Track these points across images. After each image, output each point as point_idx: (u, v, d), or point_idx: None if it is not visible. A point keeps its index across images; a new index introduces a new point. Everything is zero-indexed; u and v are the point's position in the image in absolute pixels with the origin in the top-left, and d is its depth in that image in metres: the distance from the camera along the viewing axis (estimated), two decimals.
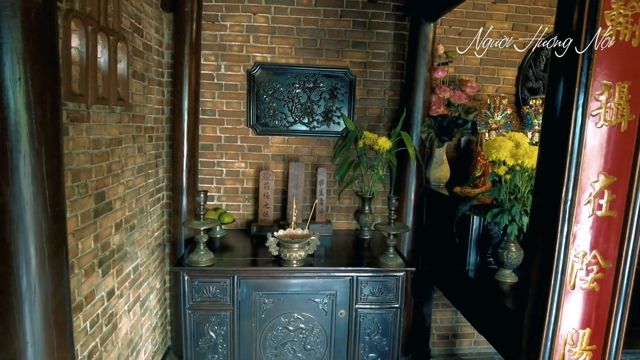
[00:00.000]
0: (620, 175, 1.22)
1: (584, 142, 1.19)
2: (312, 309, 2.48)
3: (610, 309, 1.29)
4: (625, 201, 1.24)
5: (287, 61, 3.06)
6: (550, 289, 1.26)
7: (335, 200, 3.21)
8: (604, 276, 1.27)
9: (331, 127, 3.12)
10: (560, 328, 1.29)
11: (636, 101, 1.19)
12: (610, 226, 1.25)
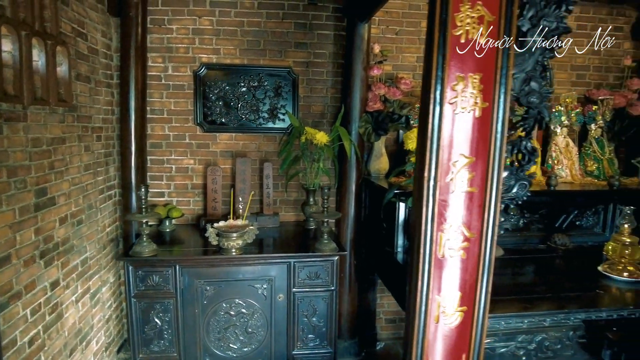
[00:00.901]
0: (478, 156, 1.40)
1: (443, 126, 1.37)
2: (252, 294, 2.63)
3: (477, 274, 1.47)
4: (485, 178, 1.42)
5: (232, 61, 3.20)
6: (421, 258, 1.43)
7: (283, 194, 3.37)
8: (469, 245, 1.46)
9: (277, 123, 3.28)
10: (433, 293, 1.47)
11: (488, 90, 1.38)
12: (472, 200, 1.43)
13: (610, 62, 3.69)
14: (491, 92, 1.38)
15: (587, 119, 3.39)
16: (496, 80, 1.37)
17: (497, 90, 1.37)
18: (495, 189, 1.43)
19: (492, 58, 1.36)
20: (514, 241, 2.84)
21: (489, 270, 1.48)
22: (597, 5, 3.58)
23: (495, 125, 1.39)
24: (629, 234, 2.28)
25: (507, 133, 1.51)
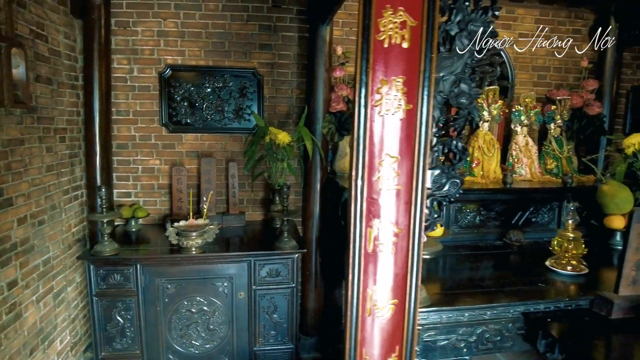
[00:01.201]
0: (403, 155, 1.47)
1: (369, 127, 1.43)
2: (213, 292, 2.68)
3: (406, 268, 1.54)
4: (411, 176, 1.49)
5: (197, 63, 3.24)
6: (351, 253, 1.49)
7: (250, 193, 3.42)
8: (398, 240, 1.52)
9: (242, 124, 3.33)
10: (365, 286, 1.53)
11: (412, 93, 1.44)
12: (399, 198, 1.50)
13: (569, 63, 3.79)
14: (415, 94, 1.44)
15: (546, 119, 3.49)
16: (419, 83, 1.43)
17: (421, 92, 1.44)
18: (421, 186, 1.49)
19: (415, 62, 1.43)
20: (471, 238, 2.92)
21: (418, 264, 1.54)
22: (556, 8, 3.68)
23: (420, 126, 1.46)
24: (573, 230, 2.36)
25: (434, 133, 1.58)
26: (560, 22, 3.73)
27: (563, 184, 3.03)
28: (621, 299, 1.96)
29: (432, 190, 1.64)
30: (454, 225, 2.88)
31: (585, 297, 2.06)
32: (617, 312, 1.96)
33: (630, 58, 3.91)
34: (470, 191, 2.86)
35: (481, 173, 3.21)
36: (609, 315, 1.96)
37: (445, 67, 1.57)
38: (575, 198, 3.06)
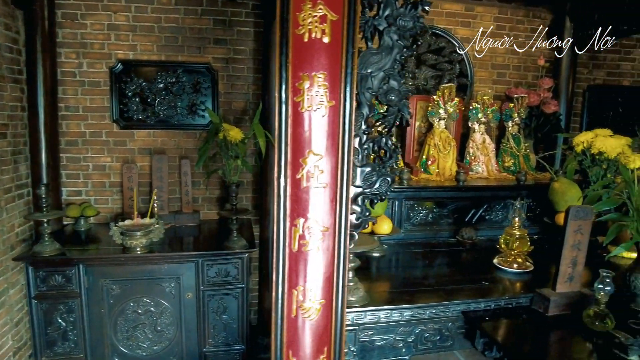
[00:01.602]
0: (327, 152, 1.43)
1: (290, 124, 1.39)
2: (160, 292, 2.61)
3: (333, 267, 1.51)
4: (335, 174, 1.45)
5: (150, 58, 3.16)
6: (275, 253, 1.45)
7: (205, 191, 3.35)
8: (323, 239, 1.48)
9: (197, 120, 3.26)
10: (290, 287, 1.49)
11: (334, 89, 1.40)
12: (324, 196, 1.46)
13: (528, 61, 3.82)
14: (337, 90, 1.40)
15: (504, 117, 3.51)
16: (341, 79, 1.40)
17: (343, 88, 1.40)
18: (346, 184, 1.46)
19: (337, 57, 1.39)
20: (424, 235, 2.91)
21: (345, 264, 1.51)
22: (514, 6, 3.70)
23: (343, 122, 1.42)
24: (519, 227, 2.37)
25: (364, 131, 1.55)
26: (519, 20, 3.75)
27: (517, 182, 3.04)
28: (558, 295, 1.97)
29: (362, 188, 1.61)
30: (406, 223, 2.88)
31: (526, 295, 2.07)
32: (554, 309, 1.97)
33: (586, 58, 3.96)
34: (422, 189, 2.85)
35: (437, 170, 3.21)
36: (546, 312, 1.96)
37: (374, 63, 1.53)
38: (530, 195, 3.09)
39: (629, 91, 4.15)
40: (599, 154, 2.70)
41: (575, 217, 1.92)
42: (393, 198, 2.82)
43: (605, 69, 4.09)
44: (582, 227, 1.95)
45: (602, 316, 1.82)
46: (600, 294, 1.82)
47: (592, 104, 4.05)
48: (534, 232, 3.11)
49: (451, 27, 3.60)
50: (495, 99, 3.69)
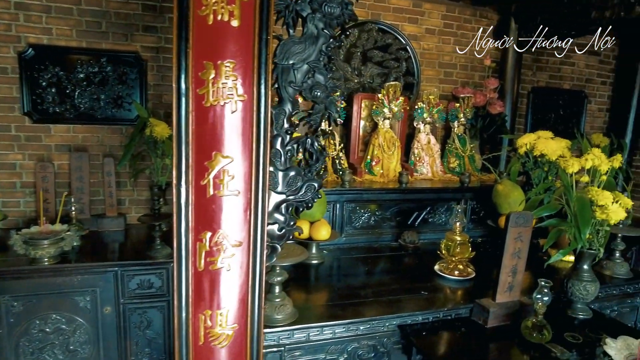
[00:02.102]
0: (238, 155, 1.24)
1: (192, 121, 1.18)
2: (73, 307, 2.32)
3: (247, 286, 1.32)
4: (249, 180, 1.26)
5: (68, 44, 2.82)
6: (176, 273, 1.25)
7: (133, 193, 3.06)
8: (235, 255, 1.29)
9: (123, 114, 2.96)
10: (197, 311, 1.29)
11: (245, 81, 1.21)
12: (235, 205, 1.27)
13: (475, 61, 3.78)
14: (250, 82, 1.21)
15: (449, 117, 3.44)
16: (254, 69, 1.21)
17: (256, 80, 1.21)
18: (262, 191, 1.27)
19: (248, 44, 1.20)
20: (366, 239, 2.78)
21: (261, 282, 1.32)
22: (461, 5, 3.64)
23: (258, 120, 1.24)
24: (460, 232, 2.27)
25: (286, 130, 1.37)
26: (466, 19, 3.70)
27: (461, 184, 2.97)
28: (497, 306, 1.88)
29: (286, 194, 1.43)
30: (348, 227, 2.73)
31: (466, 305, 1.96)
32: (493, 320, 1.88)
33: (530, 60, 3.97)
34: (364, 191, 2.71)
35: (381, 172, 3.09)
36: (486, 324, 1.87)
37: (296, 53, 1.35)
38: (475, 197, 3.03)
39: (569, 94, 4.22)
40: (540, 156, 2.66)
41: (516, 224, 1.83)
42: (334, 201, 2.66)
43: (547, 71, 4.13)
44: (522, 235, 1.86)
45: (540, 327, 1.74)
46: (539, 304, 1.74)
47: (536, 105, 4.08)
48: (479, 234, 3.06)
49: (398, 23, 3.48)
50: (443, 99, 3.62)
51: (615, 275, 2.40)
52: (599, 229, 1.98)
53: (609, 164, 2.05)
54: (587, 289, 1.99)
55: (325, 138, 3.00)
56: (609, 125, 4.53)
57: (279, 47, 1.34)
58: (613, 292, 2.33)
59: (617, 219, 1.88)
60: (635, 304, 2.41)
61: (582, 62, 4.26)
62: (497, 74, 3.69)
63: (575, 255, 2.04)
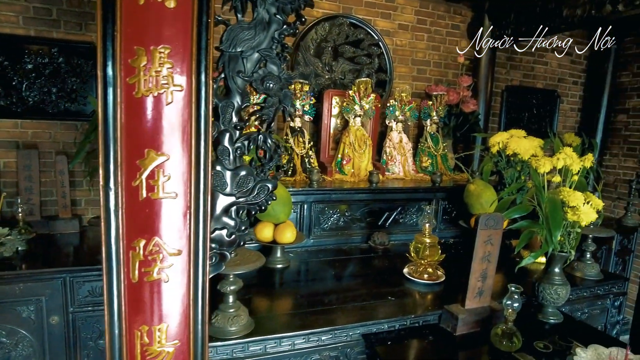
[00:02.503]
0: (174, 152, 1.10)
1: (120, 114, 1.04)
2: (14, 319, 2.13)
3: (189, 298, 1.18)
4: (189, 180, 1.13)
5: (13, 32, 2.62)
6: (106, 285, 1.10)
7: (89, 193, 2.88)
8: (173, 264, 1.16)
9: (77, 108, 2.77)
10: (132, 327, 1.15)
11: (184, 69, 1.08)
12: (172, 209, 1.13)
13: (449, 59, 3.71)
14: (188, 71, 1.08)
15: (422, 115, 3.36)
16: (193, 56, 1.07)
17: (195, 69, 1.08)
18: (203, 193, 1.14)
19: (186, 27, 1.06)
20: (335, 241, 2.67)
21: (204, 293, 1.19)
22: (435, 1, 3.57)
23: (197, 113, 1.10)
24: (430, 234, 2.18)
25: (235, 125, 1.24)
26: (440, 16, 3.63)
27: (432, 183, 2.89)
28: (466, 313, 1.79)
29: (235, 196, 1.30)
30: (316, 228, 2.61)
31: (434, 312, 1.87)
32: (463, 327, 1.79)
33: (504, 58, 3.93)
34: (332, 191, 2.60)
35: (352, 171, 2.99)
36: (455, 331, 1.78)
37: (245, 40, 1.22)
38: (447, 197, 2.95)
39: (542, 93, 4.21)
40: (513, 155, 2.60)
41: (485, 227, 1.74)
42: (301, 202, 2.54)
43: (521, 70, 4.11)
44: (492, 237, 1.78)
45: (510, 335, 1.66)
46: (508, 311, 1.66)
47: (509, 104, 4.05)
48: (451, 235, 2.99)
49: (370, 18, 3.38)
50: (416, 97, 3.55)
51: (586, 277, 2.35)
52: (570, 230, 1.91)
53: (581, 163, 1.99)
54: (558, 292, 1.92)
55: (294, 136, 2.88)
56: (581, 124, 4.54)
57: (225, 33, 1.21)
58: (584, 294, 2.28)
59: (589, 220, 1.81)
60: (605, 306, 2.36)
61: (554, 61, 4.25)
62: (471, 72, 3.63)
63: (547, 258, 1.97)
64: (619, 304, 2.40)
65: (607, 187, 4.46)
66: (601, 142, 4.42)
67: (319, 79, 3.27)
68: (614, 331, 2.44)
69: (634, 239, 3.80)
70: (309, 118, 2.94)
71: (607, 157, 4.50)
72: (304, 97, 2.85)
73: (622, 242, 3.82)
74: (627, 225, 3.71)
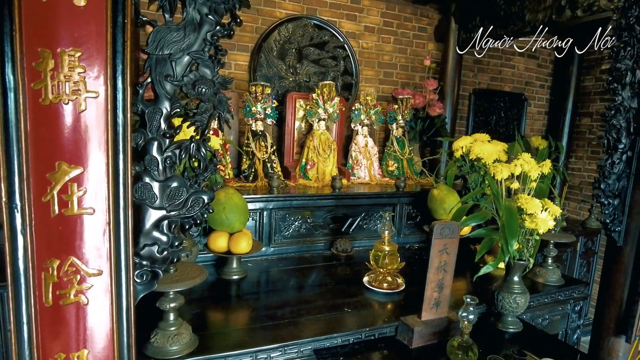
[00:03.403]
0: (91, 165, 1.01)
1: (24, 124, 0.94)
2: None
3: (112, 323, 1.09)
4: (107, 194, 1.03)
5: None
6: (13, 312, 1.00)
7: None
8: (93, 285, 1.06)
9: None
10: (45, 355, 1.05)
11: (99, 74, 0.98)
12: (90, 226, 1.03)
13: (416, 61, 3.69)
14: (104, 75, 0.98)
15: (388, 119, 3.31)
16: (108, 60, 0.98)
17: (111, 73, 0.99)
18: (124, 207, 1.05)
19: (100, 28, 0.97)
20: (297, 249, 2.59)
21: (129, 315, 1.10)
22: (401, 3, 3.53)
23: (114, 121, 1.01)
24: (389, 242, 2.12)
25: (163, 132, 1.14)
26: (407, 18, 3.60)
27: (396, 188, 2.84)
28: (423, 325, 1.73)
29: (167, 210, 1.20)
30: (277, 236, 2.53)
31: (390, 324, 1.81)
32: (419, 340, 1.73)
33: (471, 61, 3.93)
34: (293, 197, 2.52)
35: (316, 176, 2.92)
36: (411, 344, 1.72)
37: (173, 42, 1.14)
38: (412, 202, 2.91)
39: (509, 97, 4.23)
40: (477, 159, 2.57)
41: (440, 236, 1.69)
42: (260, 209, 2.45)
43: (489, 73, 4.11)
44: (447, 247, 1.73)
45: (466, 348, 1.61)
46: (464, 323, 1.61)
47: (477, 107, 4.05)
48: (415, 240, 2.95)
49: (335, 20, 3.32)
50: (383, 100, 3.51)
51: (548, 283, 2.34)
52: (529, 238, 1.88)
53: (539, 169, 1.96)
54: (517, 301, 1.89)
55: (256, 140, 2.79)
56: (548, 128, 4.58)
57: (151, 35, 1.12)
58: (545, 300, 2.26)
59: (546, 228, 1.78)
60: (566, 311, 2.36)
61: (521, 65, 4.28)
62: (438, 75, 3.61)
63: (505, 267, 1.94)
64: (579, 308, 2.39)
65: (573, 189, 4.52)
66: (567, 145, 4.48)
67: (282, 81, 3.20)
68: (574, 336, 2.43)
69: (598, 241, 3.84)
70: (272, 122, 2.85)
71: (572, 159, 4.56)
72: (266, 99, 2.77)
73: (586, 244, 3.86)
74: (591, 227, 3.76)
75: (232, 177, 2.71)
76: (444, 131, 3.46)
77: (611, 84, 1.99)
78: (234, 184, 2.64)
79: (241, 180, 2.72)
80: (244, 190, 2.51)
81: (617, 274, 2.18)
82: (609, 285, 2.22)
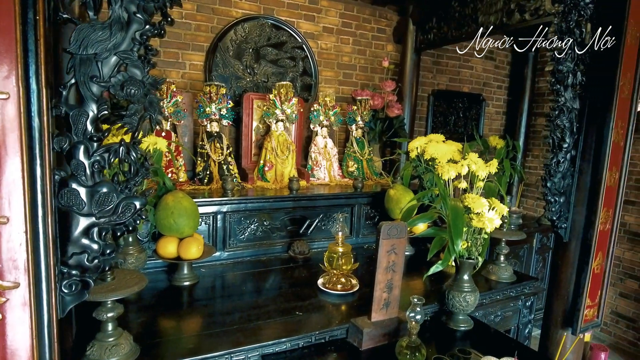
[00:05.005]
0: (2, 171, 0.95)
1: None
2: None
3: (31, 339, 1.03)
4: (22, 202, 0.97)
5: None
6: None
7: None
8: (9, 299, 1.00)
9: None
10: None
11: (9, 74, 0.92)
12: (4, 235, 0.97)
13: (375, 63, 3.71)
14: (15, 75, 0.93)
15: (347, 120, 3.32)
16: (19, 59, 0.92)
17: (23, 74, 0.93)
18: (42, 215, 0.99)
19: (9, 26, 0.91)
20: (254, 252, 2.56)
21: (51, 330, 1.04)
22: (360, 4, 3.54)
23: (28, 124, 0.95)
24: (342, 243, 2.12)
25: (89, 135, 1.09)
26: (365, 19, 3.61)
27: (354, 189, 2.85)
28: (372, 326, 1.73)
29: (96, 216, 1.15)
30: (232, 240, 2.48)
31: (340, 326, 1.80)
32: (369, 341, 1.73)
33: (430, 62, 3.99)
34: (247, 200, 2.48)
35: (274, 177, 2.89)
36: (360, 346, 1.71)
37: (98, 41, 1.09)
38: (370, 202, 2.92)
39: (468, 97, 4.31)
40: (431, 160, 2.60)
41: (388, 236, 1.70)
42: (214, 212, 2.40)
43: (447, 74, 4.19)
44: (396, 247, 1.73)
45: (414, 348, 1.62)
46: (412, 323, 1.62)
47: (436, 108, 4.11)
48: (374, 240, 2.94)
49: (293, 20, 3.30)
50: (343, 101, 3.51)
51: (500, 280, 2.39)
52: (477, 237, 1.91)
53: (487, 169, 1.99)
54: (467, 300, 1.92)
55: (211, 141, 2.74)
56: (506, 127, 4.70)
57: (74, 33, 1.07)
58: (497, 297, 2.31)
59: (493, 227, 1.81)
60: (517, 307, 2.41)
61: (479, 66, 4.38)
62: (397, 77, 3.64)
63: (457, 266, 1.96)
64: (530, 304, 2.45)
65: (530, 187, 4.65)
66: (524, 144, 4.61)
67: (240, 81, 3.15)
68: (525, 330, 2.49)
69: (552, 237, 3.97)
70: (228, 122, 2.80)
71: (529, 158, 4.70)
72: (221, 100, 2.71)
73: (542, 240, 3.98)
74: (545, 224, 3.87)
75: (186, 179, 2.65)
76: (402, 132, 3.49)
77: (554, 85, 2.04)
78: (188, 187, 2.57)
79: (195, 183, 2.66)
80: (198, 193, 2.46)
81: (564, 268, 2.25)
82: (556, 279, 2.29)
